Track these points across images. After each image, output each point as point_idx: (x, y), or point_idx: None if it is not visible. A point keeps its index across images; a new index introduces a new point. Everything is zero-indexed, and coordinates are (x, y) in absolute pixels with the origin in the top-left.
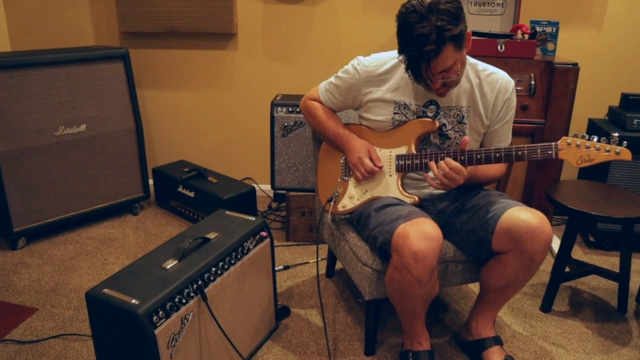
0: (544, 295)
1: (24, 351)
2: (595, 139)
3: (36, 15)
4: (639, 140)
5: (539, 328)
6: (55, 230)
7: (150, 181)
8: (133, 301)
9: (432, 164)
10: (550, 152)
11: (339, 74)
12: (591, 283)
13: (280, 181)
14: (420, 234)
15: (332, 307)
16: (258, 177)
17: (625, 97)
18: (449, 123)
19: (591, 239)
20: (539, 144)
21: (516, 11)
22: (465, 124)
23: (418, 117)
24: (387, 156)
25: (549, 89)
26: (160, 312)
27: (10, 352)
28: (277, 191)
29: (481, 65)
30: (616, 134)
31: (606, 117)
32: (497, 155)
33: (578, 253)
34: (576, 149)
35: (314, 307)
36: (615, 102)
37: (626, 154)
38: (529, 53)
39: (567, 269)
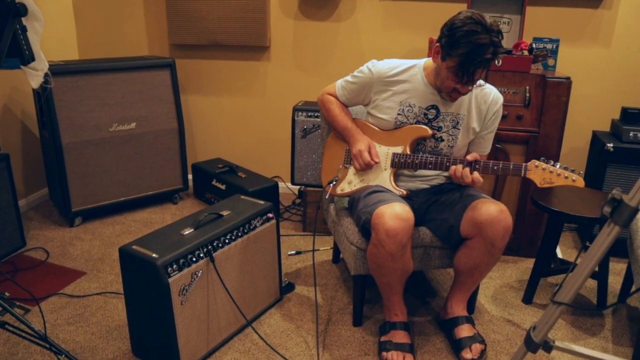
0: (526, 288)
1: (72, 303)
2: (559, 166)
3: (100, 28)
4: (634, 151)
5: (516, 316)
6: (106, 212)
7: (190, 175)
8: (154, 255)
9: (453, 167)
10: (520, 170)
11: (355, 73)
12: None
13: (300, 177)
14: (393, 215)
15: (333, 286)
16: (285, 175)
17: (624, 111)
18: (444, 126)
19: (588, 244)
20: (512, 162)
21: (521, 29)
22: (459, 129)
23: (417, 121)
24: (384, 152)
25: (542, 100)
26: (174, 266)
27: (63, 302)
28: (296, 186)
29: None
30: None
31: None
32: (496, 167)
33: (574, 258)
34: (542, 172)
35: (316, 286)
36: (619, 115)
37: (580, 182)
38: (524, 67)
39: (552, 266)
